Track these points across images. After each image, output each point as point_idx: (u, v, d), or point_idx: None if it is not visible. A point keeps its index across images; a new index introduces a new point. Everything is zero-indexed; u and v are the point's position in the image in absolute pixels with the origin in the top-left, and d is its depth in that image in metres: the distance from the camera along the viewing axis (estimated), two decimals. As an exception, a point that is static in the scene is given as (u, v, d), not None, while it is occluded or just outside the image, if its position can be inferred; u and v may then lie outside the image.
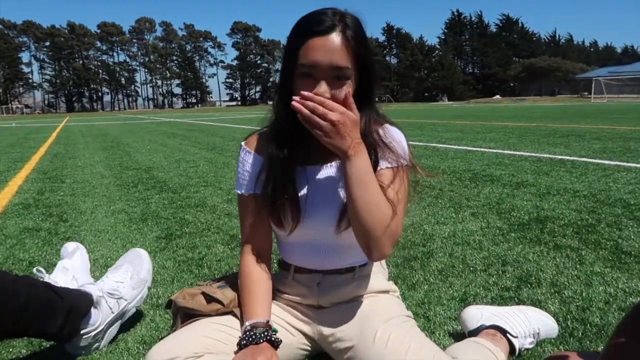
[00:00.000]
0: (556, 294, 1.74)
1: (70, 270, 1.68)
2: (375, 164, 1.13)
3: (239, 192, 1.27)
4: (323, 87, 1.05)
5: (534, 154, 5.65)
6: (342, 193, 1.17)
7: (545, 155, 5.50)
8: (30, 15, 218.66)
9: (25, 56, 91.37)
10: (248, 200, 1.24)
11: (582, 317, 1.56)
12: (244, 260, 1.26)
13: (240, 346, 1.13)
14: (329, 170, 1.20)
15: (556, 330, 1.42)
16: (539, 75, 72.34)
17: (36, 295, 1.33)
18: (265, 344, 1.11)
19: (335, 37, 1.05)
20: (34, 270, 1.63)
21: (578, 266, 2.02)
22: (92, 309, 1.45)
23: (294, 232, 1.21)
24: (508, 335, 1.31)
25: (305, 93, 1.00)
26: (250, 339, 1.12)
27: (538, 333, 1.37)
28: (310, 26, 1.06)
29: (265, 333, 1.13)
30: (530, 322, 1.37)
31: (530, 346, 1.35)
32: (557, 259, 2.11)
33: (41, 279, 1.65)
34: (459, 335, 1.45)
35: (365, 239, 1.08)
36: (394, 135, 1.20)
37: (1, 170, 5.88)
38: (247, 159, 1.25)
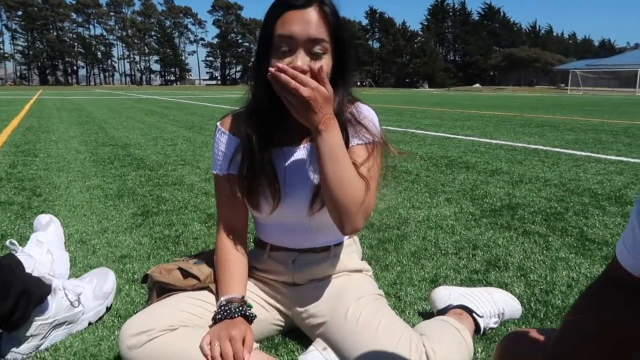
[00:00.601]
0: (522, 277, 1.82)
1: (44, 243, 1.67)
2: (347, 141, 1.15)
3: (214, 172, 1.28)
4: (300, 58, 1.06)
5: (509, 143, 5.77)
6: (317, 173, 1.19)
7: (520, 145, 5.62)
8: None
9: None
10: (223, 180, 1.26)
11: (545, 299, 1.63)
12: (219, 239, 1.28)
13: (215, 320, 1.15)
14: (305, 151, 1.22)
15: (520, 311, 1.49)
16: (518, 65, 73.18)
17: None
18: (239, 318, 1.14)
19: (313, 11, 1.07)
20: (7, 242, 1.62)
21: (544, 252, 2.10)
22: (49, 297, 1.36)
23: (269, 212, 1.22)
24: (474, 314, 1.37)
25: (280, 65, 1.00)
26: (225, 314, 1.14)
27: (502, 313, 1.44)
28: (286, 2, 1.07)
29: (240, 308, 1.16)
30: (495, 303, 1.43)
31: (495, 325, 1.41)
32: (525, 245, 2.18)
33: (14, 252, 1.64)
34: (427, 315, 1.50)
35: (337, 214, 1.10)
36: (366, 113, 1.22)
37: (-29, 142, 5.72)
38: (222, 140, 1.26)
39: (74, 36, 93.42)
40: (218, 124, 1.29)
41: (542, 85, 60.44)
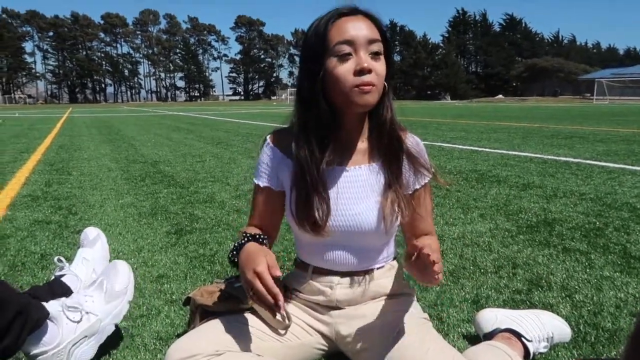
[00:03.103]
0: (567, 298, 1.76)
1: (90, 261, 1.69)
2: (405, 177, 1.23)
3: (255, 181, 1.29)
4: (364, 57, 1.07)
5: (539, 155, 5.66)
6: (371, 196, 1.19)
7: (550, 157, 5.51)
8: (33, 4, 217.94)
9: (28, 46, 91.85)
10: (262, 191, 1.28)
11: (594, 321, 1.58)
12: (247, 227, 1.30)
13: (233, 263, 1.17)
14: (357, 172, 1.22)
15: (569, 335, 1.44)
16: (541, 76, 72.17)
17: None
18: (250, 244, 1.15)
19: (362, 17, 1.11)
20: (55, 259, 1.65)
21: (588, 270, 2.03)
22: (50, 325, 1.29)
23: (322, 233, 1.21)
24: (523, 339, 1.33)
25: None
26: (236, 250, 1.17)
27: (552, 337, 1.39)
28: (335, 12, 1.11)
29: (243, 238, 1.19)
30: (544, 326, 1.38)
31: (544, 350, 1.36)
32: (567, 263, 2.12)
33: (62, 269, 1.66)
34: (473, 338, 1.47)
35: None
36: (418, 145, 1.24)
37: (8, 161, 5.89)
38: (268, 153, 1.27)
39: (102, 55, 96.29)
40: (268, 137, 1.29)
41: (566, 95, 59.41)
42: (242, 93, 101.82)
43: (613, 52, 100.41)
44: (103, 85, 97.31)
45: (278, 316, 1.22)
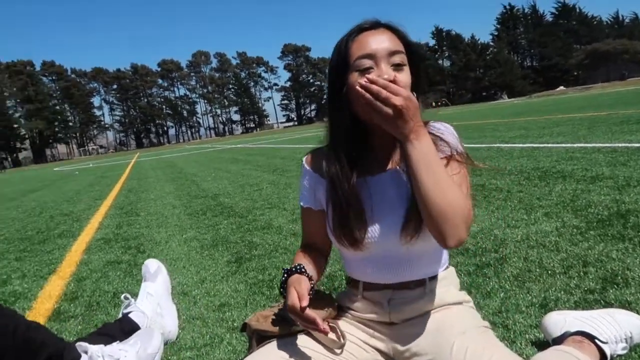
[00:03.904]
0: (648, 294, 1.62)
1: (154, 296, 1.77)
2: None
3: (300, 203, 1.33)
4: (385, 69, 1.07)
5: (607, 145, 5.31)
6: (405, 199, 1.16)
7: (620, 145, 5.15)
8: (97, 62, 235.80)
9: (96, 100, 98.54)
10: (305, 211, 1.32)
11: (680, 317, 1.43)
12: (298, 252, 1.32)
13: (283, 296, 1.18)
14: (388, 177, 1.20)
15: (651, 333, 1.32)
16: (604, 61, 68.14)
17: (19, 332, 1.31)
18: (291, 277, 1.17)
19: (383, 30, 1.12)
20: (122, 297, 1.74)
21: (670, 262, 1.86)
22: None
23: (361, 247, 1.21)
24: (597, 341, 1.23)
25: (370, 76, 1.02)
26: (280, 289, 1.19)
27: (631, 337, 1.28)
28: (356, 28, 1.12)
29: (285, 273, 1.19)
30: (620, 326, 1.28)
31: (623, 352, 1.26)
32: (645, 256, 1.96)
33: (129, 305, 1.75)
34: (542, 344, 1.38)
35: (439, 225, 1.05)
36: (443, 129, 1.21)
37: (83, 208, 6.33)
38: (305, 175, 1.31)
39: (162, 100, 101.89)
40: (304, 158, 1.33)
41: (635, 77, 55.57)
42: (295, 119, 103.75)
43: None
44: (165, 128, 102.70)
45: (332, 335, 1.22)
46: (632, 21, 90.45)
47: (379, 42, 1.09)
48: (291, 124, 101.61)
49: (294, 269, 1.22)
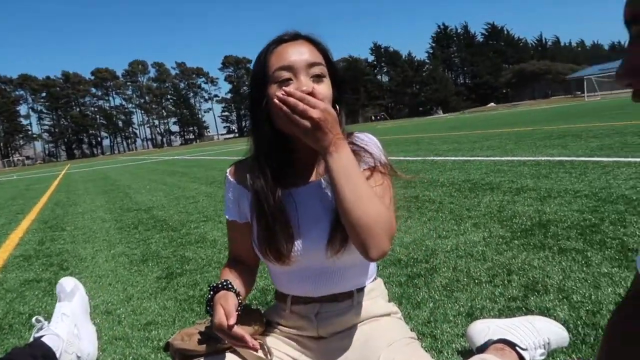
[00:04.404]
0: (565, 300, 1.70)
1: (70, 316, 1.64)
2: None
3: (225, 216, 1.30)
4: (304, 80, 1.06)
5: (532, 158, 5.64)
6: (330, 211, 1.15)
7: (543, 158, 5.49)
8: (25, 68, 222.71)
9: (23, 109, 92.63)
10: (232, 224, 1.28)
11: (592, 321, 1.52)
12: (224, 268, 1.27)
13: (207, 311, 1.14)
14: (312, 189, 1.19)
15: (567, 339, 1.38)
16: (530, 80, 72.90)
17: None
18: (217, 295, 1.12)
19: (303, 41, 1.11)
20: (33, 320, 1.61)
21: (585, 268, 1.97)
22: None
23: (287, 261, 1.18)
24: (517, 348, 1.27)
25: (287, 89, 1.01)
26: (209, 301, 1.13)
27: (548, 343, 1.33)
28: (276, 39, 1.11)
29: (210, 291, 1.14)
30: (539, 333, 1.33)
31: (542, 357, 1.31)
32: (563, 263, 2.06)
33: (41, 329, 1.61)
34: (467, 353, 1.41)
35: (361, 236, 1.04)
36: (366, 140, 1.21)
37: (3, 223, 5.88)
38: (229, 187, 1.28)
39: (96, 109, 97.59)
40: (227, 170, 1.30)
41: (558, 96, 59.81)
42: (236, 130, 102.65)
43: (598, 48, 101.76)
44: (99, 139, 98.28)
45: (259, 352, 1.18)
46: (554, 44, 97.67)
47: (299, 53, 1.08)
48: (232, 135, 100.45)
49: (220, 285, 1.17)
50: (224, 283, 1.18)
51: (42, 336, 1.63)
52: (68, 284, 1.78)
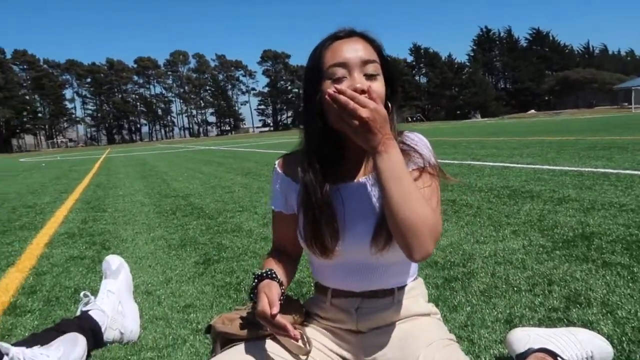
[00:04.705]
0: (609, 315, 1.66)
1: (115, 293, 1.71)
2: None
3: (271, 207, 1.31)
4: (358, 78, 1.06)
5: (575, 168, 5.47)
6: (377, 208, 1.16)
7: (586, 169, 5.32)
8: (72, 54, 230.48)
9: (68, 93, 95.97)
10: (278, 215, 1.30)
11: (638, 338, 1.47)
12: (268, 257, 1.30)
13: (253, 302, 1.17)
14: (362, 185, 1.20)
15: (611, 354, 1.35)
16: (574, 88, 70.56)
17: None
18: (260, 283, 1.15)
19: (358, 39, 1.11)
20: (81, 294, 1.68)
21: (630, 284, 1.92)
22: None
23: (331, 255, 1.20)
24: (559, 359, 1.25)
25: (338, 86, 1.01)
26: (253, 289, 1.16)
27: (592, 357, 1.30)
28: (332, 35, 1.12)
29: (255, 279, 1.17)
30: (582, 345, 1.30)
31: (584, 370, 1.28)
32: (607, 277, 2.01)
33: (88, 303, 1.69)
34: (506, 359, 1.39)
35: (405, 238, 1.04)
36: (416, 139, 1.20)
37: (48, 201, 6.12)
38: (277, 178, 1.29)
39: (136, 97, 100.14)
40: (276, 162, 1.31)
41: (602, 106, 57.72)
42: (271, 124, 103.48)
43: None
44: (138, 126, 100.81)
45: (299, 342, 1.20)
46: (602, 52, 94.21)
47: (353, 51, 1.09)
48: (267, 129, 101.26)
49: (264, 274, 1.20)
50: (269, 272, 1.20)
51: (88, 310, 1.70)
52: (114, 261, 1.85)
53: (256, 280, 1.19)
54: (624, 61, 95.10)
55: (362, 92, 1.03)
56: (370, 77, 1.09)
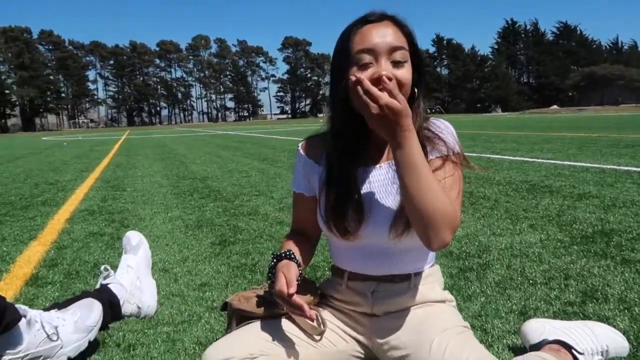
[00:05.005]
0: (625, 311, 1.64)
1: (134, 269, 1.74)
2: (425, 155, 1.11)
3: (292, 188, 1.33)
4: (385, 65, 1.05)
5: (596, 165, 5.38)
6: (397, 194, 1.16)
7: (608, 167, 5.22)
8: (96, 36, 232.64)
9: (91, 74, 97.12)
10: (297, 196, 1.32)
11: (655, 335, 1.46)
12: (286, 238, 1.32)
13: (269, 277, 1.20)
14: (386, 169, 1.20)
15: (627, 349, 1.33)
16: (600, 84, 68.96)
17: None
18: (278, 264, 1.18)
19: (388, 23, 1.10)
20: (102, 268, 1.72)
21: (649, 282, 1.89)
22: (22, 328, 1.30)
23: (350, 237, 1.20)
24: (573, 351, 1.24)
25: (359, 76, 1.00)
26: (271, 268, 1.19)
27: (607, 351, 1.29)
28: (361, 18, 1.11)
29: (273, 259, 1.20)
30: (597, 339, 1.29)
31: (598, 363, 1.27)
32: (626, 274, 1.98)
33: (107, 277, 1.73)
34: (519, 350, 1.39)
35: (422, 227, 1.05)
36: (442, 126, 1.20)
37: (69, 179, 6.24)
38: (300, 160, 1.30)
39: (157, 80, 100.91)
40: (299, 144, 1.32)
41: (629, 104, 56.34)
42: (289, 112, 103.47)
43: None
44: (158, 109, 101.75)
45: (314, 322, 1.22)
46: (631, 48, 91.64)
47: (382, 36, 1.07)
48: (285, 116, 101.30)
49: (283, 255, 1.21)
50: (287, 253, 1.22)
51: (108, 284, 1.74)
52: (134, 237, 1.89)
53: (275, 260, 1.21)
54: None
55: (388, 79, 1.03)
56: (397, 64, 1.08)
